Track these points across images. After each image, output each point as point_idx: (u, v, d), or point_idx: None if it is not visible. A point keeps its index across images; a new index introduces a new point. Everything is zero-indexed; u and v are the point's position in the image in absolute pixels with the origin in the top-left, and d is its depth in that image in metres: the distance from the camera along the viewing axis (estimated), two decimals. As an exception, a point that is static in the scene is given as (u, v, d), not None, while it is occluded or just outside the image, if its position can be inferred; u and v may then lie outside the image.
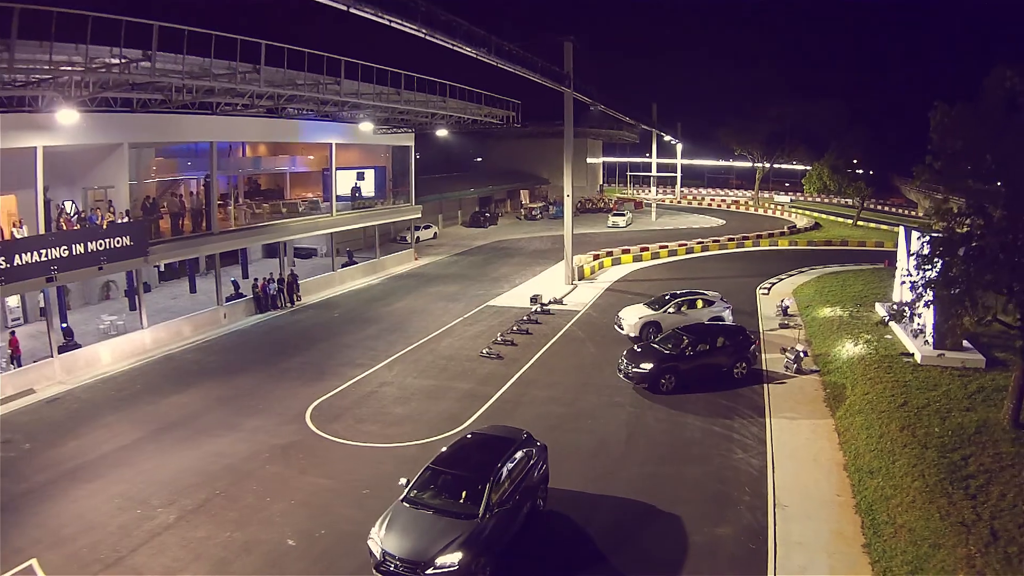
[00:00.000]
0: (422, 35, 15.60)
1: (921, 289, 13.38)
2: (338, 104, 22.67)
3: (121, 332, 20.66)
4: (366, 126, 27.83)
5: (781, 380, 16.76)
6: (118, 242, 19.15)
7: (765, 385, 16.34)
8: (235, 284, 25.01)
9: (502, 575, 9.08)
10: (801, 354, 17.50)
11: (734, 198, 77.86)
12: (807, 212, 59.26)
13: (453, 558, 8.50)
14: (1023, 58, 13.00)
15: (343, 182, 31.97)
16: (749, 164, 72.89)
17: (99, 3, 14.53)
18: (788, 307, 23.15)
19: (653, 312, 20.38)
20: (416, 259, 35.48)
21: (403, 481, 9.83)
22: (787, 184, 76.87)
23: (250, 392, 16.28)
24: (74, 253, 17.92)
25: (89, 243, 18.34)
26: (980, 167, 14.04)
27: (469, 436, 11.14)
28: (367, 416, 14.68)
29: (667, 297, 21.14)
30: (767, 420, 14.36)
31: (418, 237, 38.93)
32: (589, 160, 73.68)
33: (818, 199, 65.29)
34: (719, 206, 68.40)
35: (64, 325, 19.48)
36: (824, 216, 56.47)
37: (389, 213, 33.21)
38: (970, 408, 13.98)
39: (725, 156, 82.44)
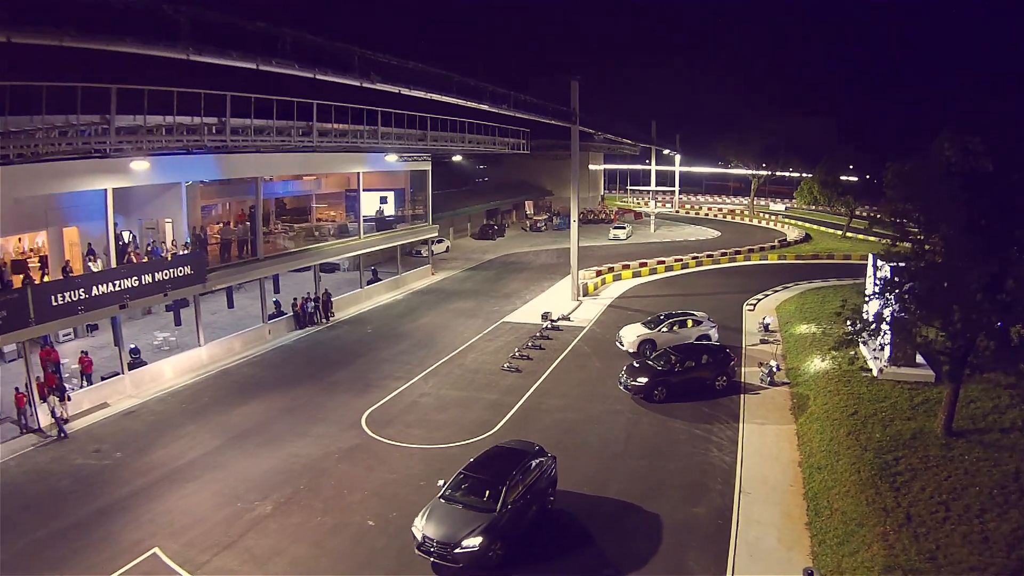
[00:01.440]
0: (456, 102, 18.65)
1: (873, 317, 16.38)
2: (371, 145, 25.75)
3: (173, 347, 23.59)
4: (391, 157, 30.90)
5: (756, 391, 19.80)
6: (180, 271, 21.94)
7: (742, 395, 19.40)
8: (277, 303, 28.01)
9: (512, 555, 11.85)
10: (774, 368, 20.53)
11: (731, 206, 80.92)
12: (799, 223, 62.18)
13: (475, 541, 11.35)
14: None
15: (367, 204, 35.00)
16: (746, 171, 76.09)
17: (180, 71, 17.52)
18: (769, 324, 26.14)
19: (649, 331, 23.43)
20: (433, 274, 38.49)
21: (440, 482, 12.75)
22: (783, 192, 79.86)
23: (308, 403, 19.30)
24: (143, 283, 20.51)
25: (156, 273, 20.97)
26: (920, 221, 16.95)
27: (492, 448, 13.94)
28: (413, 422, 17.75)
29: (661, 317, 24.20)
30: (740, 425, 17.44)
31: (432, 250, 41.92)
32: (591, 167, 76.68)
33: (812, 207, 68.33)
34: (716, 216, 71.35)
35: (133, 346, 22.03)
36: (815, 227, 59.44)
37: (410, 232, 36.25)
38: (911, 418, 16.89)
39: (723, 164, 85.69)
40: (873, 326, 16.30)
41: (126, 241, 23.68)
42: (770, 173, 72.70)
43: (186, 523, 13.27)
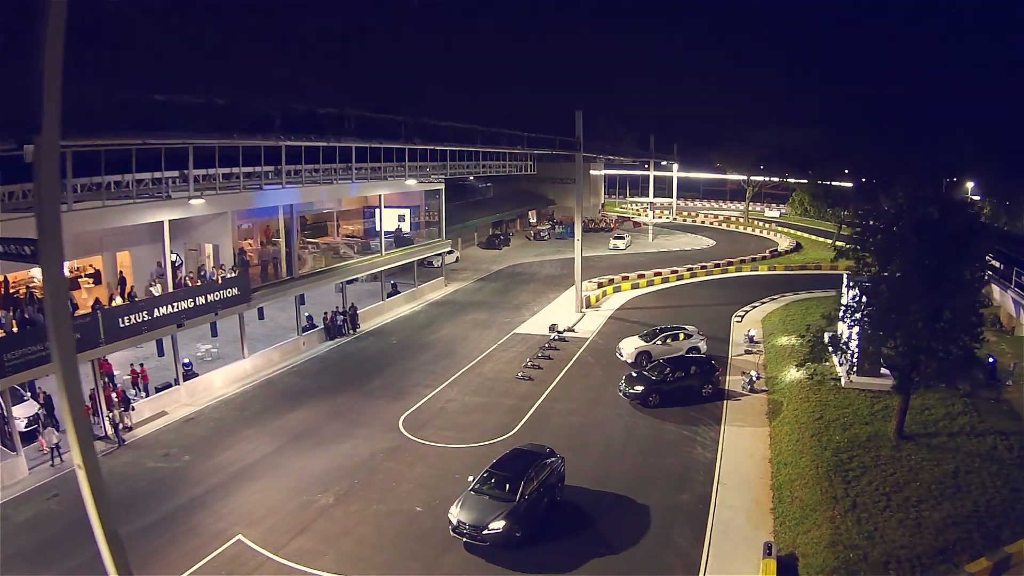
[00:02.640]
0: (480, 151, 21.63)
1: (843, 336, 19.25)
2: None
3: (215, 358, 26.32)
4: (411, 181, 33.80)
5: (737, 398, 22.79)
6: (228, 292, 24.73)
7: (725, 401, 22.39)
8: (309, 317, 30.90)
9: (529, 537, 14.69)
10: (754, 377, 23.49)
11: (727, 212, 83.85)
12: (791, 232, 65.00)
13: (498, 524, 14.29)
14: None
15: (387, 221, 37.87)
16: (741, 176, 79.34)
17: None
18: (753, 336, 29.09)
19: (645, 343, 26.39)
20: (446, 285, 41.42)
21: (470, 478, 15.74)
22: (778, 193, 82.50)
23: (351, 409, 22.26)
24: (197, 304, 23.19)
25: (208, 295, 23.73)
26: (876, 256, 19.70)
27: (512, 450, 16.91)
28: (444, 425, 20.73)
29: (656, 331, 27.16)
30: (722, 427, 20.45)
31: (444, 260, 44.70)
32: (592, 172, 79.60)
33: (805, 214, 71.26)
34: (712, 223, 74.23)
35: (187, 361, 24.39)
36: (806, 236, 62.30)
37: (427, 247, 39.13)
38: (869, 422, 19.77)
39: (720, 170, 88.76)
40: (838, 343, 19.23)
41: (175, 264, 26.64)
42: (765, 179, 75.98)
43: (261, 514, 16.02)
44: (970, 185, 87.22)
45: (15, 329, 18.94)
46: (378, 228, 36.24)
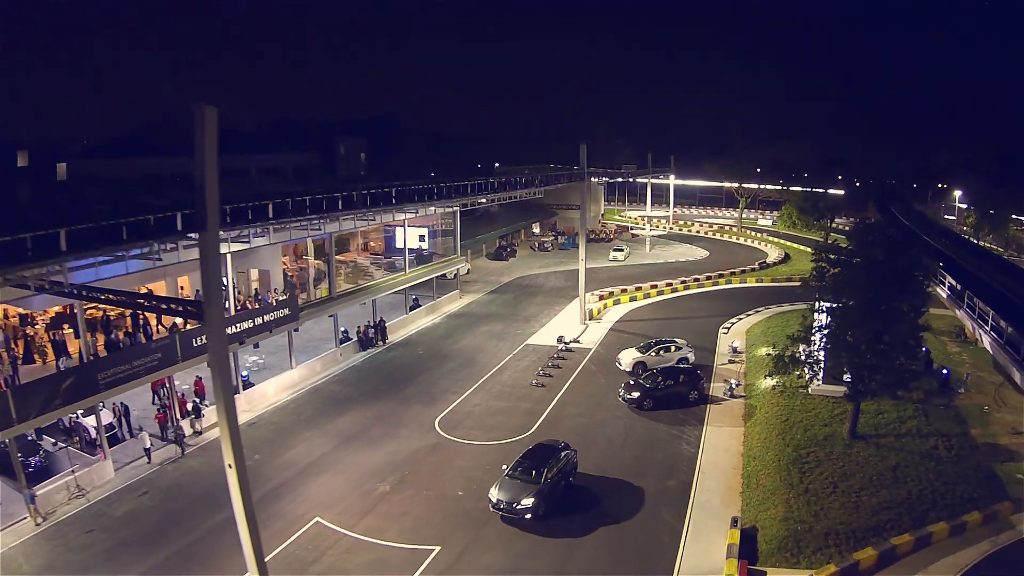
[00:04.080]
0: (503, 195, 25.61)
1: (812, 348, 23.17)
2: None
3: (262, 368, 30.14)
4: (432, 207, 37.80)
5: (719, 402, 26.83)
6: (281, 312, 28.56)
7: (708, 405, 26.44)
8: (344, 331, 34.78)
9: (550, 511, 18.64)
10: (734, 384, 27.55)
11: (721, 220, 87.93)
12: (780, 242, 68.94)
13: (528, 502, 18.34)
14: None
15: (409, 239, 41.74)
16: (735, 185, 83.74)
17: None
18: (737, 347, 33.12)
19: (641, 354, 30.43)
20: (460, 297, 45.41)
21: (504, 467, 19.79)
22: (773, 198, 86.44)
23: (391, 412, 26.26)
24: (255, 323, 27.13)
25: (265, 316, 27.64)
26: (832, 288, 23.51)
27: (536, 444, 21.01)
28: (473, 426, 24.78)
29: (651, 343, 31.20)
30: (704, 427, 24.52)
31: (457, 274, 48.59)
32: (592, 179, 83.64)
33: (793, 227, 75.35)
34: (706, 233, 78.22)
35: (245, 374, 28.30)
36: (794, 246, 66.06)
37: (444, 265, 43.06)
38: (828, 424, 23.72)
39: (716, 178, 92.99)
40: (797, 360, 23.18)
41: (234, 286, 30.58)
42: (757, 186, 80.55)
43: (332, 500, 19.85)
44: (958, 193, 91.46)
45: (103, 352, 22.96)
46: (400, 246, 40.20)
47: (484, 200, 35.68)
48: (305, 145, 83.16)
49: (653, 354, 30.36)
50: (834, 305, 22.97)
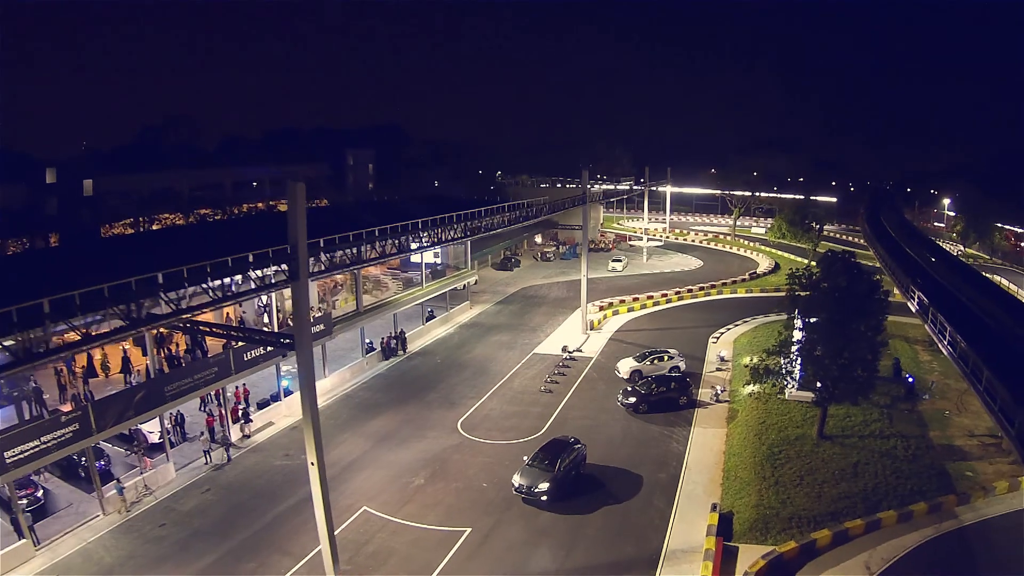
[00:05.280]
0: (516, 226, 29.14)
1: (789, 363, 26.74)
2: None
3: (296, 377, 33.37)
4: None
5: (706, 406, 30.46)
6: (317, 327, 32.05)
7: (696, 409, 30.07)
8: (369, 342, 38.24)
9: (564, 494, 22.38)
10: (719, 390, 31.18)
11: (716, 228, 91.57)
12: (772, 251, 72.53)
13: (543, 486, 22.07)
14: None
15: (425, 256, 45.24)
16: (730, 192, 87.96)
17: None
18: (724, 356, 36.73)
19: (638, 363, 34.02)
20: (471, 308, 48.93)
21: (525, 458, 23.49)
22: (767, 203, 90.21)
23: (418, 416, 29.82)
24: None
25: (307, 332, 31.58)
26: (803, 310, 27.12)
27: (552, 440, 24.71)
28: (492, 427, 28.37)
29: (646, 353, 34.81)
30: (692, 428, 28.16)
31: (467, 285, 51.98)
32: (592, 188, 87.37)
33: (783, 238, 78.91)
34: (700, 242, 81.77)
35: (286, 384, 31.42)
36: (785, 255, 69.76)
37: (456, 278, 46.62)
38: (800, 426, 27.30)
39: (710, 186, 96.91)
40: (769, 372, 26.77)
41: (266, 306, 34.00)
42: (751, 194, 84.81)
43: (375, 492, 23.35)
44: (947, 201, 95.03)
45: (166, 368, 26.46)
46: (416, 260, 43.73)
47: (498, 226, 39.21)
48: (314, 156, 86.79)
49: (648, 363, 33.95)
50: (806, 322, 26.59)
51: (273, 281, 17.62)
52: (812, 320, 26.22)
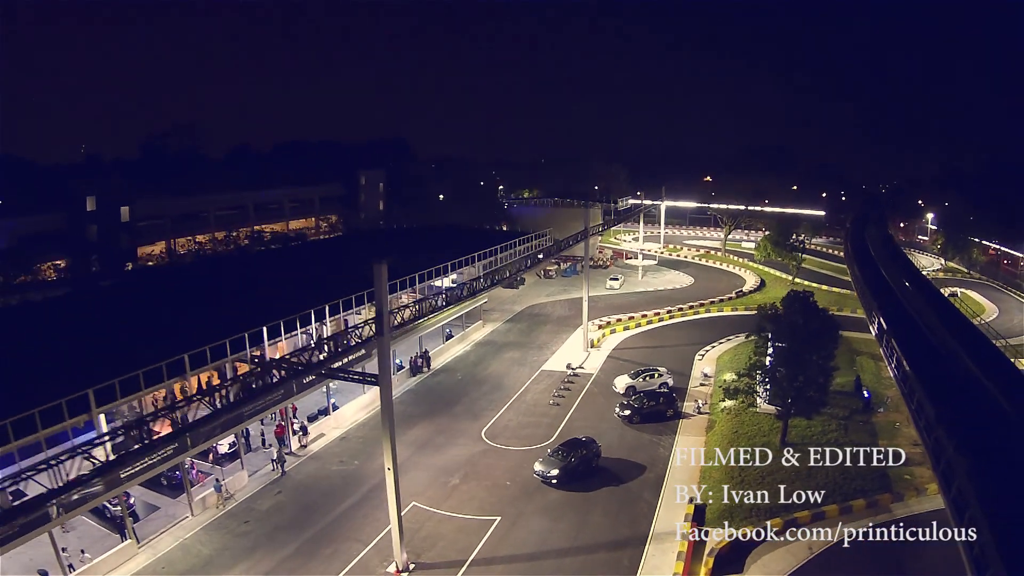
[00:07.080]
0: (518, 248, 34.87)
1: (758, 382, 32.47)
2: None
3: (335, 392, 38.68)
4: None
5: (689, 418, 36.17)
6: (360, 351, 37.80)
7: (681, 420, 35.78)
8: (399, 362, 43.70)
9: (574, 481, 28.34)
10: (701, 404, 36.91)
11: (709, 243, 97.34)
12: (759, 268, 78.06)
13: (554, 472, 28.29)
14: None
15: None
16: (725, 206, 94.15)
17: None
18: (707, 372, 42.42)
19: (632, 380, 39.70)
20: (483, 326, 54.45)
21: (548, 451, 29.48)
22: (760, 211, 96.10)
23: (448, 427, 35.42)
24: (349, 359, 36.64)
25: (348, 355, 36.89)
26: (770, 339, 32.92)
27: (570, 439, 30.85)
28: (511, 436, 34.03)
29: (640, 371, 40.48)
30: (677, 436, 33.88)
31: (480, 304, 57.35)
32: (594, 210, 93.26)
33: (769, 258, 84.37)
34: (693, 258, 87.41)
35: (334, 401, 37.78)
36: (772, 272, 75.25)
37: (473, 301, 51.93)
38: (766, 435, 32.90)
39: (704, 200, 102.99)
40: (738, 390, 32.46)
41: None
42: (744, 207, 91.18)
43: (420, 490, 28.75)
44: (930, 216, 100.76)
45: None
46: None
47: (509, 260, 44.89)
48: (326, 175, 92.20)
49: (640, 380, 39.64)
50: (775, 347, 32.34)
51: (363, 338, 23.19)
52: (778, 345, 31.94)
